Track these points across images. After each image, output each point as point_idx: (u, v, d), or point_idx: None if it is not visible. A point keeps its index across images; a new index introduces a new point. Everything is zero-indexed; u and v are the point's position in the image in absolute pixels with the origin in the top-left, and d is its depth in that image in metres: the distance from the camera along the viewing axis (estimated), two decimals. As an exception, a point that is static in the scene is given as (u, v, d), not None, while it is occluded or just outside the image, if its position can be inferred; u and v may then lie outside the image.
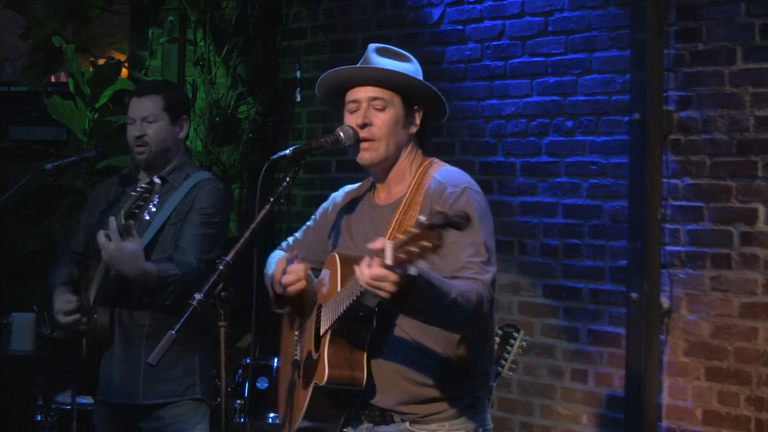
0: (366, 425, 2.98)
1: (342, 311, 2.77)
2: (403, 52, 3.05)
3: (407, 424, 2.92)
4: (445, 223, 2.41)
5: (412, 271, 2.47)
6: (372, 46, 3.05)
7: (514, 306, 5.23)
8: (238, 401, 4.88)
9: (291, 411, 3.07)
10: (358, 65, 3.01)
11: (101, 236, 3.66)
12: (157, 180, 3.56)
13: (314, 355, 2.95)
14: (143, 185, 3.56)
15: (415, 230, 2.42)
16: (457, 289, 2.68)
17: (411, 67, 3.00)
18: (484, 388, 2.99)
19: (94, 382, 4.01)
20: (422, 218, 2.42)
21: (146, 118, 3.96)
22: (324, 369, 2.81)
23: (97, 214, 4.09)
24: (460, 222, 2.43)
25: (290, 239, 3.33)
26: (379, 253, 2.47)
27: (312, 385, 2.90)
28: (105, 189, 4.17)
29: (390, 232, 2.91)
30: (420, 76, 3.02)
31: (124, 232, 3.63)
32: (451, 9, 5.49)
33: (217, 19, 6.03)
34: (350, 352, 2.84)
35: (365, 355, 2.85)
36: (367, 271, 2.51)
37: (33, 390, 4.93)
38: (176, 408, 3.94)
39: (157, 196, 3.57)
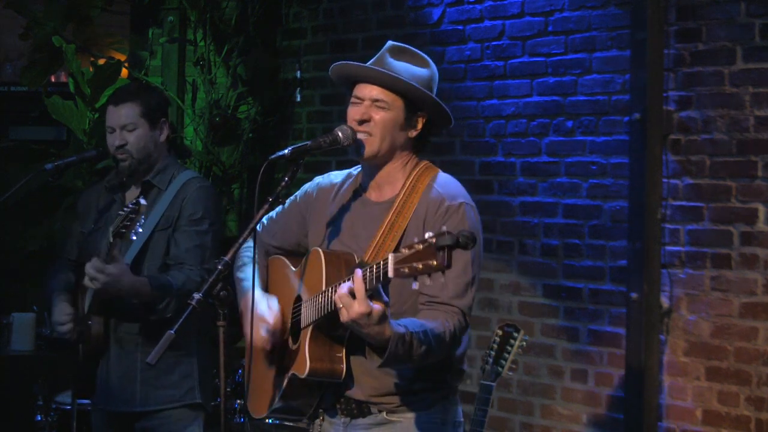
0: (342, 419, 3.01)
1: (326, 313, 2.82)
2: (422, 54, 3.06)
3: (384, 414, 2.97)
4: (455, 244, 2.44)
5: (415, 286, 2.51)
6: (389, 44, 3.07)
7: (514, 306, 5.23)
8: (238, 401, 4.88)
9: (259, 393, 3.11)
10: (368, 64, 3.03)
11: (89, 270, 3.68)
12: (142, 201, 3.53)
13: (292, 345, 3.00)
14: (130, 205, 3.55)
15: (419, 246, 2.46)
16: (431, 335, 2.77)
17: (426, 72, 3.02)
18: (458, 380, 3.07)
19: (91, 385, 4.03)
20: (430, 235, 2.46)
21: (125, 127, 3.92)
22: (305, 362, 2.86)
23: (89, 223, 4.09)
24: (468, 243, 2.46)
25: (264, 220, 3.28)
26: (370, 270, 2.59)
27: (290, 375, 2.95)
28: (94, 196, 4.16)
29: (381, 231, 2.94)
30: (435, 82, 3.04)
31: (109, 259, 3.66)
32: (451, 9, 5.49)
33: (217, 19, 6.03)
34: (330, 346, 2.90)
35: (344, 349, 2.90)
36: (353, 309, 2.61)
37: (33, 390, 4.93)
38: (172, 412, 3.95)
39: (143, 216, 3.57)
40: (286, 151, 2.85)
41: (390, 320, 2.68)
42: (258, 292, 3.07)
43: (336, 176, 3.21)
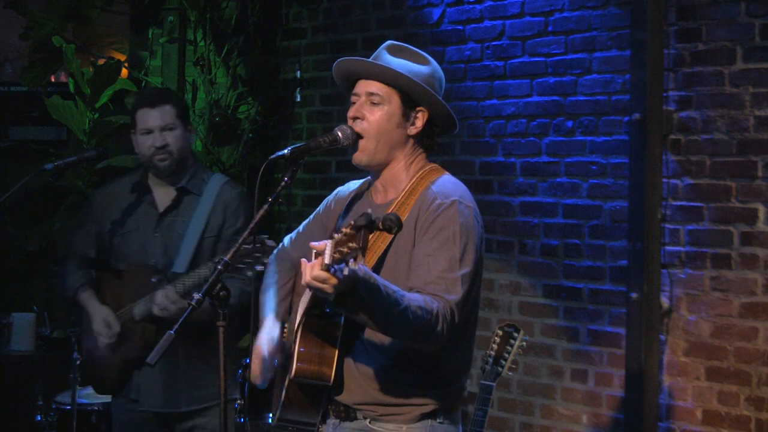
0: (333, 420, 3.01)
1: (306, 306, 2.83)
2: (422, 53, 3.03)
3: (367, 421, 2.94)
4: (368, 224, 2.43)
5: (346, 272, 2.47)
6: (387, 43, 3.05)
7: (514, 306, 5.23)
8: (238, 401, 4.88)
9: (277, 398, 3.13)
10: (360, 58, 3.01)
11: (162, 300, 3.79)
12: (269, 242, 3.46)
13: (293, 347, 2.99)
14: (255, 244, 3.50)
15: (347, 230, 2.44)
16: (410, 302, 2.67)
17: (425, 69, 2.98)
18: (452, 399, 2.97)
19: (118, 385, 4.11)
20: (353, 220, 2.45)
21: (166, 127, 4.01)
22: (293, 363, 2.87)
23: (107, 223, 4.15)
24: (390, 225, 2.44)
25: (293, 234, 3.32)
26: (323, 252, 2.49)
27: (287, 377, 2.95)
28: (113, 196, 4.21)
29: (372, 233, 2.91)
30: (437, 80, 3.00)
31: (186, 296, 3.75)
32: (451, 9, 5.49)
33: (217, 19, 6.03)
34: (321, 348, 2.88)
35: (336, 353, 2.88)
36: (308, 272, 2.53)
37: (33, 390, 4.93)
38: (213, 409, 4.07)
39: (265, 258, 3.48)
40: (286, 151, 2.84)
41: (363, 269, 2.57)
42: (269, 319, 3.11)
43: (354, 184, 3.20)
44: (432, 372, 2.91)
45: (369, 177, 3.14)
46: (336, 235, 2.47)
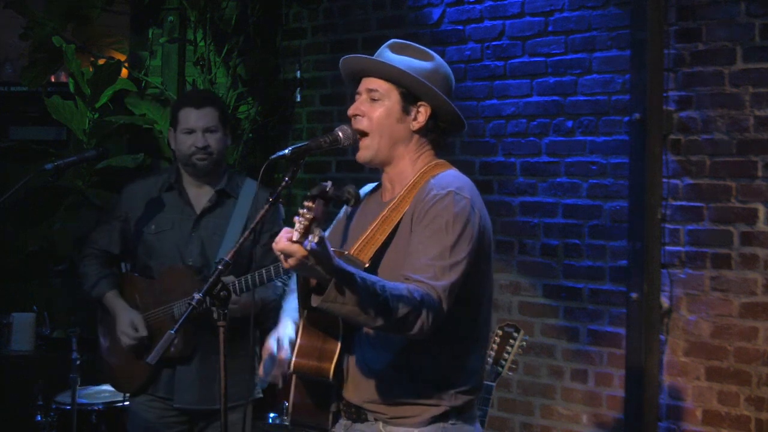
0: (344, 422, 2.99)
1: (300, 299, 2.81)
2: (426, 50, 3.03)
3: (380, 424, 2.92)
4: (320, 193, 2.50)
5: (308, 246, 2.47)
6: (390, 41, 3.05)
7: (514, 306, 5.23)
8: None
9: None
10: (361, 56, 3.02)
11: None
12: None
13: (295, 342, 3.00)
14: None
15: (306, 203, 2.49)
16: (391, 292, 2.64)
17: (427, 65, 2.98)
18: (464, 400, 2.93)
19: (147, 383, 4.15)
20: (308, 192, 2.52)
21: (209, 128, 4.09)
22: (292, 357, 2.88)
23: (135, 221, 4.19)
24: (346, 197, 2.53)
25: None
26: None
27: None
28: (141, 194, 4.24)
29: (373, 226, 2.91)
30: (441, 75, 3.00)
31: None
32: (451, 9, 5.49)
33: (217, 19, 6.02)
34: (322, 343, 2.87)
35: (338, 348, 2.86)
36: (276, 245, 2.56)
37: (33, 390, 4.93)
38: (238, 409, 4.06)
39: None
40: (286, 151, 2.83)
41: (337, 261, 2.58)
42: (286, 320, 3.10)
43: (368, 187, 3.19)
44: (441, 369, 2.90)
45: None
46: (301, 211, 2.50)
